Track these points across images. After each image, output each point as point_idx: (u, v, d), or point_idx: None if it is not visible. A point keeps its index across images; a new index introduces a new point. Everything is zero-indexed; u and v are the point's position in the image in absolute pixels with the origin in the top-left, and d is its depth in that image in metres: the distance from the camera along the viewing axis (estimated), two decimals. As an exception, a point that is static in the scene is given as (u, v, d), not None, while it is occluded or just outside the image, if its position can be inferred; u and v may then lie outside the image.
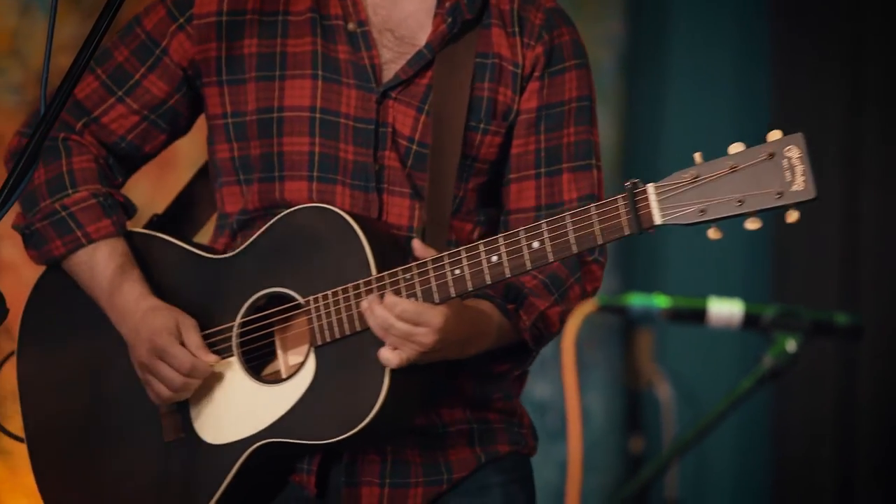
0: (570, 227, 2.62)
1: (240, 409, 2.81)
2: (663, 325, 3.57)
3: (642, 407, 5.67)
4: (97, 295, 2.90)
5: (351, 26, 2.86)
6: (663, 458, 2.02)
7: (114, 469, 2.91)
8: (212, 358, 2.81)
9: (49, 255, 2.93)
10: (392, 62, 2.87)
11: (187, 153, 3.83)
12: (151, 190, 3.94)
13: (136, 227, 3.01)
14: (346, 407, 2.72)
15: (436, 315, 2.67)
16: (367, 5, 2.88)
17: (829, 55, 5.54)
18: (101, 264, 2.89)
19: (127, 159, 3.00)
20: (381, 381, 2.70)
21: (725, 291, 2.13)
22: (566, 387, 1.98)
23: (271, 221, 2.83)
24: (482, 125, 2.86)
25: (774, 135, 2.51)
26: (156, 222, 3.05)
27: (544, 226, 2.64)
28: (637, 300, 2.05)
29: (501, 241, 2.66)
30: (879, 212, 5.44)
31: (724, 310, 2.05)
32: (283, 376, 2.81)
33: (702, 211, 2.52)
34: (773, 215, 2.51)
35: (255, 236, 2.85)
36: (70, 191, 2.92)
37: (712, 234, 2.53)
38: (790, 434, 5.60)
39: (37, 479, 2.95)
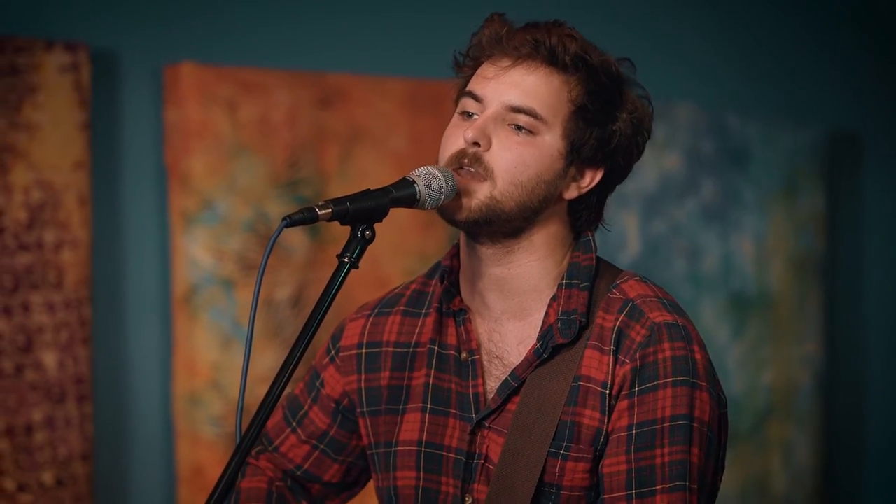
0: None
1: None
2: None
3: None
4: None
5: (464, 356, 2.82)
6: None
7: None
8: None
9: None
10: (495, 390, 2.80)
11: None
12: None
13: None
14: None
15: None
16: (481, 333, 2.83)
17: None
18: None
19: (310, 485, 3.05)
20: None
21: None
22: None
23: None
24: (562, 451, 2.72)
25: None
26: None
27: None
28: None
29: None
30: None
31: None
32: None
33: None
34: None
35: None
36: None
37: None
38: None
39: None
